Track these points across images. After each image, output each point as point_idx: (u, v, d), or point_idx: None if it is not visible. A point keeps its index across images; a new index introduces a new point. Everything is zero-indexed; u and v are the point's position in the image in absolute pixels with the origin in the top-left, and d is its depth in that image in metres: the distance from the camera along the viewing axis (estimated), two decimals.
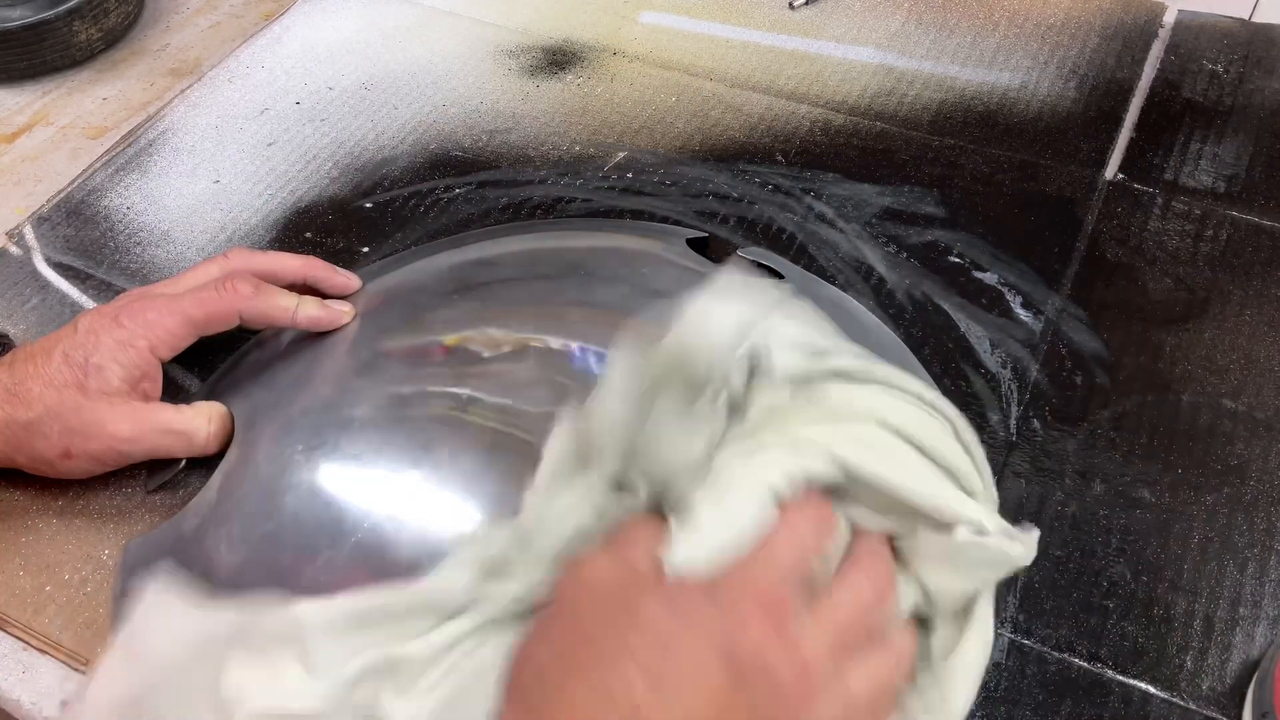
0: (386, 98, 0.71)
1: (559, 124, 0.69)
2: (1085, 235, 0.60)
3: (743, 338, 0.34)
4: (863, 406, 0.36)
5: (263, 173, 0.67)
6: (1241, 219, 0.61)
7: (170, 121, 0.70)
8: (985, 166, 0.65)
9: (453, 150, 0.67)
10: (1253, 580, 0.46)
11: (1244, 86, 0.69)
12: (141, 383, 0.48)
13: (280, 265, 0.53)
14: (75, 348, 0.46)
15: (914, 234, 0.61)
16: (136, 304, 0.49)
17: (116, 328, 0.47)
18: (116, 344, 0.47)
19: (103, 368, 0.46)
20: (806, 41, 0.74)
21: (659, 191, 0.64)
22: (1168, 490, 0.49)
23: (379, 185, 0.65)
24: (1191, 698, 0.43)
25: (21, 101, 0.73)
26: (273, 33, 0.77)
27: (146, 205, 0.65)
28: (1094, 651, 0.44)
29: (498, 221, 0.62)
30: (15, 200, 0.66)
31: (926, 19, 0.75)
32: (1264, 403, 0.52)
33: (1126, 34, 0.73)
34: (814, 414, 0.36)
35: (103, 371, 0.46)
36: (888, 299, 0.57)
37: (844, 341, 0.39)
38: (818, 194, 0.63)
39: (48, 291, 0.60)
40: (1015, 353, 0.55)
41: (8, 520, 0.49)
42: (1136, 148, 0.65)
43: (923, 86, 0.70)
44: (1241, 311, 0.57)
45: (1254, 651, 0.44)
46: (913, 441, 0.36)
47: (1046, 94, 0.69)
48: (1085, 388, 0.53)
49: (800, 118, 0.68)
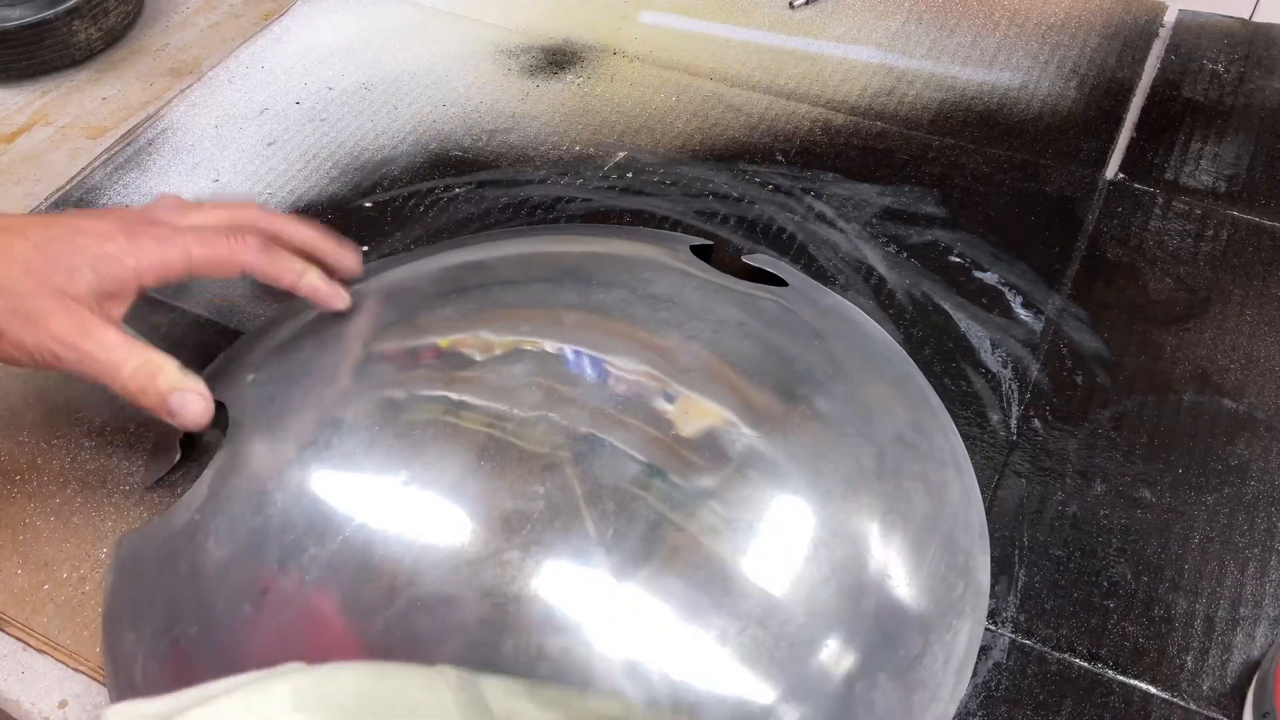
0: (386, 98, 0.71)
1: (559, 124, 0.69)
2: (1086, 235, 0.60)
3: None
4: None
5: (262, 172, 0.67)
6: (1242, 219, 0.61)
7: (170, 121, 0.70)
8: (985, 166, 0.65)
9: (453, 150, 0.67)
10: (1253, 580, 0.46)
11: (1244, 86, 0.69)
12: (107, 301, 0.45)
13: (290, 230, 0.50)
14: (60, 249, 0.44)
15: (914, 234, 0.61)
16: (141, 225, 0.46)
17: (108, 240, 0.45)
18: (104, 255, 0.44)
19: (75, 270, 0.44)
20: (806, 41, 0.74)
21: (659, 191, 0.64)
22: (1168, 490, 0.49)
23: (379, 185, 0.65)
24: (1192, 698, 0.43)
25: (21, 101, 0.73)
26: (272, 33, 0.77)
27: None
28: (1094, 651, 0.44)
29: (498, 221, 0.62)
30: (15, 199, 0.66)
31: (926, 19, 0.75)
32: (1264, 403, 0.52)
33: (1127, 34, 0.73)
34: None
35: (74, 274, 0.44)
36: (888, 299, 0.57)
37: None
38: (818, 194, 0.63)
39: None
40: (1016, 353, 0.55)
41: (5, 518, 0.49)
42: (1137, 147, 0.65)
43: (923, 86, 0.70)
44: (1242, 311, 0.56)
45: (1255, 652, 0.44)
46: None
47: (1047, 94, 0.69)
48: (1086, 388, 0.53)
49: (800, 117, 0.68)
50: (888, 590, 0.43)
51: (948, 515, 0.46)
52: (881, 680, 0.41)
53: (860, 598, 0.42)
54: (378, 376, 0.48)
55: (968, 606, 0.44)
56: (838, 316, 0.54)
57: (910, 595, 0.43)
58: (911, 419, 0.49)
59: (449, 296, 0.52)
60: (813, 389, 0.48)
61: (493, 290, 0.53)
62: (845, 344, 0.52)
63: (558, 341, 0.48)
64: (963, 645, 0.43)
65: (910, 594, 0.43)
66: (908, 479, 0.46)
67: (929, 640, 0.42)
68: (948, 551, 0.45)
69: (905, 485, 0.46)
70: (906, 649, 0.42)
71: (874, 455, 0.46)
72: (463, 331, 0.49)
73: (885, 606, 0.43)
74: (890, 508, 0.45)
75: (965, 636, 0.43)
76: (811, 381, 0.48)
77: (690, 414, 0.46)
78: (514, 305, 0.51)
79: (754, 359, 0.49)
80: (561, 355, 0.47)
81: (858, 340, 0.53)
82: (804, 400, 0.47)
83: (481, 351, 0.48)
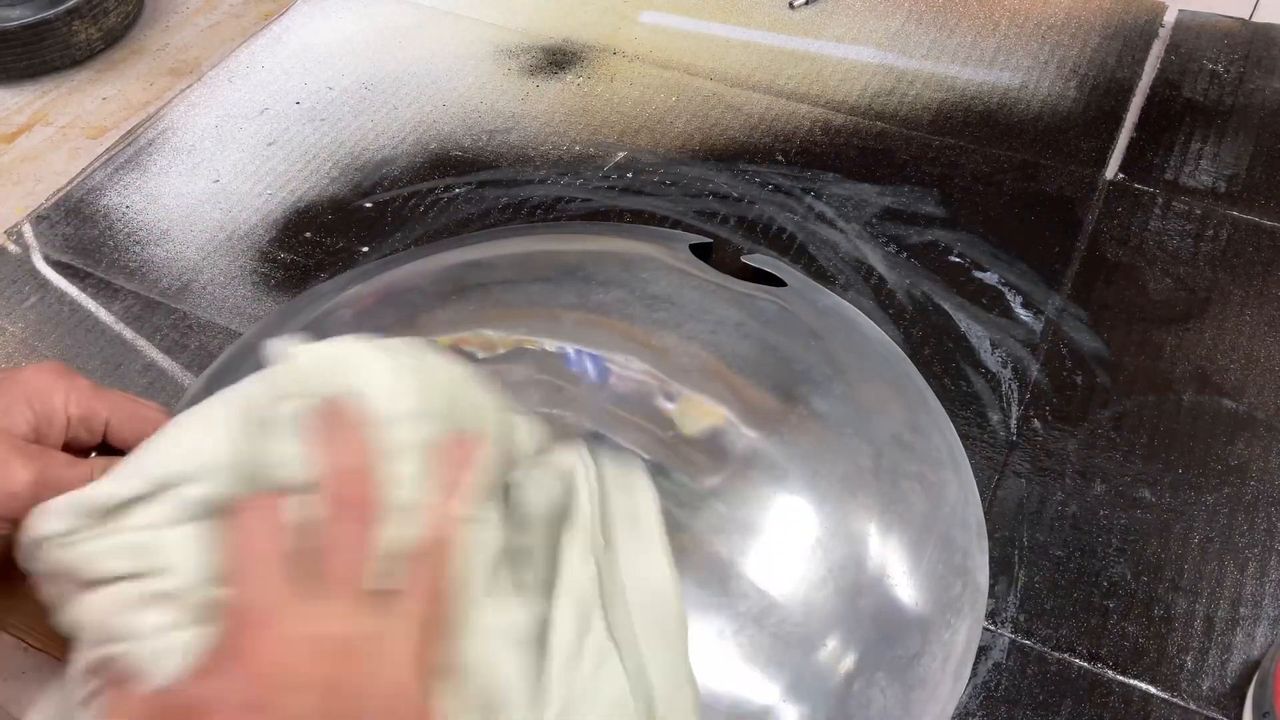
0: (386, 98, 0.71)
1: (559, 124, 0.69)
2: (1085, 235, 0.60)
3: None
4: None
5: (262, 172, 0.67)
6: (1241, 219, 0.61)
7: (170, 121, 0.70)
8: (985, 166, 0.64)
9: (453, 150, 0.67)
10: (1253, 580, 0.46)
11: (1244, 86, 0.69)
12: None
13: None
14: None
15: (914, 234, 0.61)
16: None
17: (37, 377, 0.41)
18: (37, 389, 0.41)
19: (10, 410, 0.40)
20: (806, 41, 0.74)
21: (659, 191, 0.64)
22: (1168, 490, 0.49)
23: (379, 185, 0.65)
24: (1192, 698, 0.43)
25: (21, 101, 0.73)
26: (272, 33, 0.77)
27: (145, 204, 0.65)
28: (1094, 651, 0.44)
29: (498, 221, 0.62)
30: (15, 199, 0.66)
31: (926, 19, 0.75)
32: (1264, 403, 0.52)
33: (1127, 34, 0.73)
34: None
35: (9, 413, 0.40)
36: (888, 299, 0.57)
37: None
38: (818, 194, 0.63)
39: (46, 290, 0.60)
40: (1015, 352, 0.55)
41: None
42: (1137, 148, 0.65)
43: (923, 86, 0.70)
44: (1241, 311, 0.56)
45: (1254, 652, 0.44)
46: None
47: (1047, 94, 0.69)
48: (1085, 388, 0.53)
49: (800, 117, 0.68)
50: (886, 589, 0.43)
51: (945, 514, 0.46)
52: (880, 679, 0.41)
53: (858, 596, 0.42)
54: None
55: (966, 605, 0.44)
56: (836, 317, 0.54)
57: (908, 594, 0.43)
58: (909, 419, 0.49)
59: (449, 296, 0.52)
60: (811, 389, 0.48)
61: (493, 290, 0.53)
62: (843, 344, 0.52)
63: (558, 340, 0.48)
64: (961, 644, 0.43)
65: (908, 593, 0.43)
66: (905, 478, 0.46)
67: (927, 639, 0.42)
68: (946, 550, 0.45)
69: (903, 485, 0.46)
70: (905, 648, 0.42)
71: (872, 455, 0.46)
72: (464, 330, 0.49)
73: (883, 605, 0.43)
74: (888, 507, 0.45)
75: (964, 635, 0.43)
76: (810, 382, 0.48)
77: (690, 413, 0.46)
78: (514, 304, 0.51)
79: (752, 359, 0.49)
80: (562, 354, 0.47)
81: (856, 340, 0.53)
82: (802, 400, 0.47)
83: (483, 350, 0.48)
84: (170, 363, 0.56)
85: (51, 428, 0.42)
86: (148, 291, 0.60)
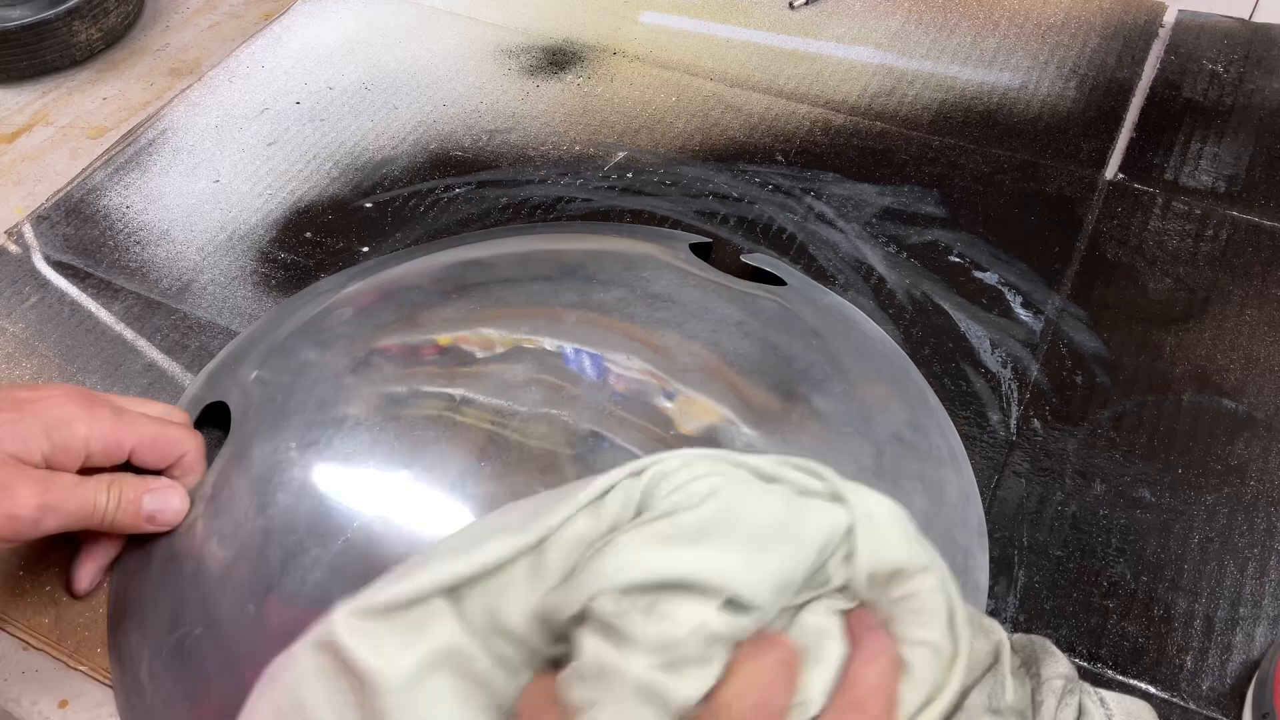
0: (386, 98, 0.71)
1: (559, 124, 0.69)
2: (1085, 235, 0.60)
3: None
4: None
5: (263, 172, 0.67)
6: (1241, 219, 0.61)
7: (170, 121, 0.70)
8: (985, 166, 0.65)
9: (453, 150, 0.67)
10: (1253, 580, 0.46)
11: (1244, 86, 0.69)
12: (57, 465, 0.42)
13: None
14: (8, 419, 0.42)
15: (914, 234, 0.61)
16: (93, 396, 0.44)
17: (60, 407, 0.43)
18: (57, 420, 0.42)
19: (30, 438, 0.42)
20: (806, 41, 0.74)
21: (659, 191, 0.64)
22: (1168, 490, 0.49)
23: (379, 185, 0.65)
24: (1191, 698, 0.43)
25: (21, 101, 0.73)
26: (273, 33, 0.77)
27: (146, 204, 0.65)
28: (1094, 651, 0.44)
29: (498, 221, 0.62)
30: (15, 199, 0.66)
31: (926, 19, 0.75)
32: (1264, 403, 0.52)
33: (1126, 34, 0.73)
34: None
35: (28, 442, 0.42)
36: (888, 299, 0.57)
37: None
38: (818, 194, 0.63)
39: (47, 290, 0.60)
40: (1015, 353, 0.55)
41: None
42: (1136, 148, 0.65)
43: (923, 86, 0.70)
44: (1241, 311, 0.56)
45: (1254, 652, 0.44)
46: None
47: (1046, 94, 0.69)
48: (1085, 388, 0.53)
49: (800, 118, 0.68)
50: None
51: (946, 513, 0.46)
52: None
53: None
54: (379, 375, 0.48)
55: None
56: (836, 316, 0.54)
57: None
58: (909, 418, 0.49)
59: (449, 294, 0.52)
60: (811, 388, 0.48)
61: (493, 288, 0.53)
62: (843, 343, 0.52)
63: (558, 339, 0.48)
64: None
65: None
66: (905, 477, 0.46)
67: None
68: (947, 550, 0.45)
69: (903, 484, 0.46)
70: None
71: (872, 454, 0.46)
72: (463, 329, 0.49)
73: None
74: None
75: None
76: (810, 380, 0.48)
77: (690, 412, 0.46)
78: (514, 303, 0.51)
79: (753, 358, 0.49)
80: (562, 353, 0.47)
81: (856, 339, 0.53)
82: (802, 399, 0.47)
83: (482, 349, 0.48)
84: (171, 363, 0.56)
85: (68, 457, 0.43)
86: (148, 292, 0.60)
